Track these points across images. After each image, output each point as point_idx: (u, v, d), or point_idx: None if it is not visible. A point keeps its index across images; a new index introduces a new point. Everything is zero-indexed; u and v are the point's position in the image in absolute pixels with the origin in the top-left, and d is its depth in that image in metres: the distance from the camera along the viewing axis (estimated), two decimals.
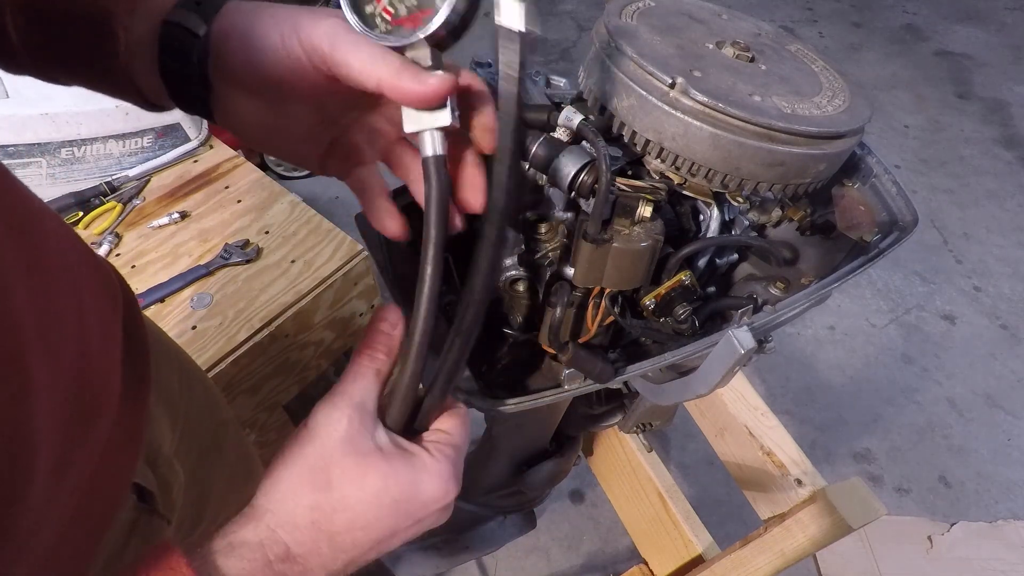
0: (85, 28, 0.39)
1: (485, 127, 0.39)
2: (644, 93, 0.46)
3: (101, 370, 0.41)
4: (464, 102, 0.39)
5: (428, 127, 0.37)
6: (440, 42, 0.38)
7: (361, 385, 0.39)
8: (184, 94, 0.40)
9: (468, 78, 0.39)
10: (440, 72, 0.36)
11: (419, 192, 0.42)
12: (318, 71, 0.37)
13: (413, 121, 0.38)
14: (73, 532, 0.39)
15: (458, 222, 0.40)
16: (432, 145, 0.37)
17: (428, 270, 0.37)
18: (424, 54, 0.37)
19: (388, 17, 0.38)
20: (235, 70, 0.38)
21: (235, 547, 0.33)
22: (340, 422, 0.37)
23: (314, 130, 0.43)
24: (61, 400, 0.35)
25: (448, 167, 0.38)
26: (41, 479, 0.32)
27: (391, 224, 0.43)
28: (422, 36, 0.37)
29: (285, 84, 0.38)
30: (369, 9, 0.38)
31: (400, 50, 0.37)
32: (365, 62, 0.36)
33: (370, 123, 0.44)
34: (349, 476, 0.36)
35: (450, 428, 0.41)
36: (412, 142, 0.41)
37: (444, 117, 0.37)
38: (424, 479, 0.38)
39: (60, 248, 0.39)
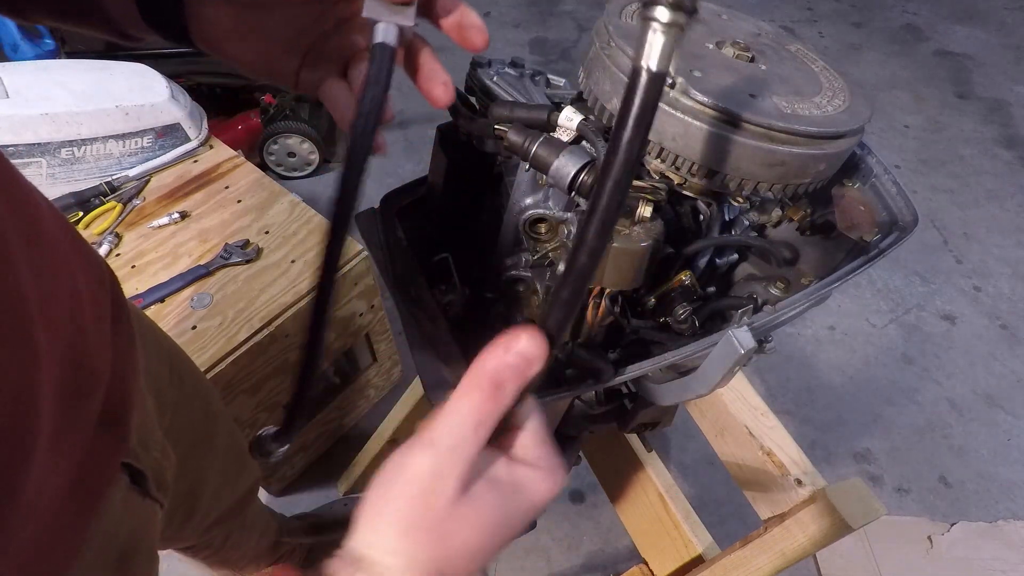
0: None
1: (459, 24, 0.40)
2: None
3: (93, 347, 0.42)
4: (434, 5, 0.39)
5: (388, 20, 0.37)
6: None
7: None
8: (158, 15, 0.40)
9: None
10: None
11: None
12: None
13: (375, 10, 0.37)
14: (68, 506, 0.40)
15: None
16: (385, 33, 0.37)
17: (359, 140, 0.35)
18: None
19: None
20: None
21: None
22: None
23: (290, 42, 0.43)
24: (59, 373, 0.35)
25: (405, 60, 0.38)
26: (42, 447, 0.33)
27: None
28: None
29: None
30: None
31: None
32: None
33: (340, 35, 0.44)
34: (464, 524, 0.31)
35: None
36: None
37: (407, 17, 0.37)
38: (531, 493, 0.34)
39: (52, 227, 0.39)
